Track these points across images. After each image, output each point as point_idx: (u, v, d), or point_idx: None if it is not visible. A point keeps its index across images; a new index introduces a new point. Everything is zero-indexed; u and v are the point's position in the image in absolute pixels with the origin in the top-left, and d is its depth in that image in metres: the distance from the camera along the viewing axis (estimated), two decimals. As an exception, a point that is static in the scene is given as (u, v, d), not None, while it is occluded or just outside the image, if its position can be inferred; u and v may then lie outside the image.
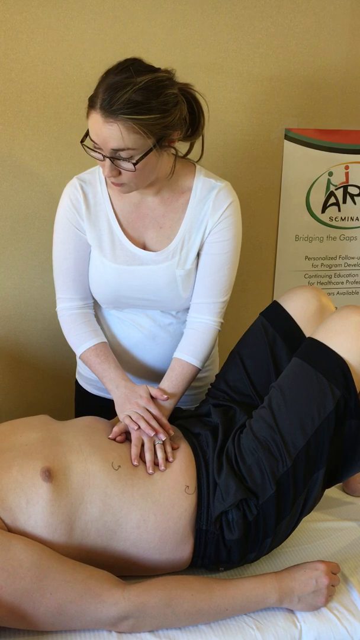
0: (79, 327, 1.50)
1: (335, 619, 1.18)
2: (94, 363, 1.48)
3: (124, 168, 1.28)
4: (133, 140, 1.23)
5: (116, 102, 1.20)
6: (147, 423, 1.33)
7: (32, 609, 1.04)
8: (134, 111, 1.20)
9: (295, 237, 2.16)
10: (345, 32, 1.95)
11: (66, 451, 1.22)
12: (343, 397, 1.23)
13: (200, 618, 1.13)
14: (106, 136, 1.23)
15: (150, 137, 1.24)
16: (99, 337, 1.51)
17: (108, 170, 1.28)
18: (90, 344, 1.49)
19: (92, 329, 1.51)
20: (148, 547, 1.20)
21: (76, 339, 1.50)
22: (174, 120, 1.27)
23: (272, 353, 1.44)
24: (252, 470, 1.24)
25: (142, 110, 1.21)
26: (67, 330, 1.53)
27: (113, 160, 1.26)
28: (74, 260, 1.48)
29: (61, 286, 1.52)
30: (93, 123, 1.24)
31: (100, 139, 1.24)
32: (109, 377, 1.45)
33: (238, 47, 1.89)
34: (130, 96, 1.19)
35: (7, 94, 1.77)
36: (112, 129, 1.22)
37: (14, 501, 1.13)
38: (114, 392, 1.43)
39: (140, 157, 1.26)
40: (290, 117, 2.01)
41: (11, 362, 2.04)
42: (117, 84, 1.21)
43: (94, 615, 1.07)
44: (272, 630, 1.15)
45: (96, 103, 1.22)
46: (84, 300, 1.52)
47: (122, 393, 1.41)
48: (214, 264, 1.46)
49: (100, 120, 1.22)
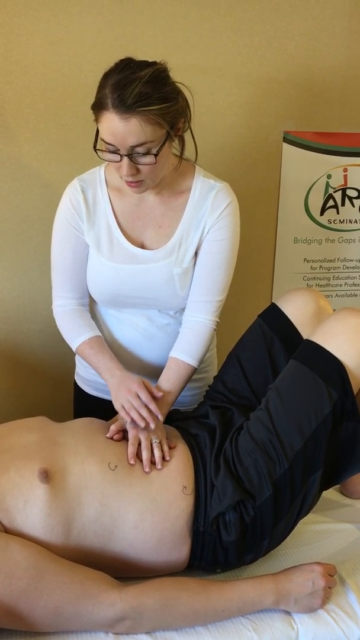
0: (74, 322, 1.52)
1: (332, 621, 1.18)
2: (89, 355, 1.49)
3: (144, 163, 1.29)
4: (151, 131, 1.25)
5: (128, 97, 1.21)
6: (139, 413, 1.33)
7: (29, 610, 1.04)
8: (147, 102, 1.22)
9: (294, 239, 2.16)
10: (343, 35, 1.96)
11: (63, 452, 1.23)
12: (340, 399, 1.23)
13: (197, 619, 1.14)
14: (124, 133, 1.24)
15: (165, 127, 1.27)
16: (94, 331, 1.52)
17: (127, 169, 1.29)
18: (85, 337, 1.50)
19: (86, 323, 1.53)
20: (145, 548, 1.20)
21: (71, 333, 1.52)
22: (180, 107, 1.31)
23: (270, 355, 1.44)
24: (249, 472, 1.24)
25: (155, 100, 1.23)
26: (62, 325, 1.54)
27: (131, 157, 1.27)
28: (71, 260, 1.49)
29: (58, 284, 1.53)
30: (108, 123, 1.25)
31: (117, 138, 1.25)
32: (105, 367, 1.46)
33: (237, 49, 1.89)
34: (140, 89, 1.21)
35: (6, 96, 1.77)
36: (129, 125, 1.23)
37: (11, 502, 1.13)
38: (109, 380, 1.44)
39: (159, 148, 1.28)
40: (288, 119, 2.01)
41: (10, 364, 2.04)
42: (124, 81, 1.22)
43: (91, 617, 1.07)
44: (268, 631, 1.15)
45: (107, 104, 1.23)
46: (79, 299, 1.54)
47: (117, 380, 1.42)
48: (211, 263, 1.47)
49: (116, 119, 1.23)
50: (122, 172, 1.31)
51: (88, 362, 1.51)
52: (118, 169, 1.32)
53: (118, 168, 1.32)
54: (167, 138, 1.29)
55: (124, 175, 1.31)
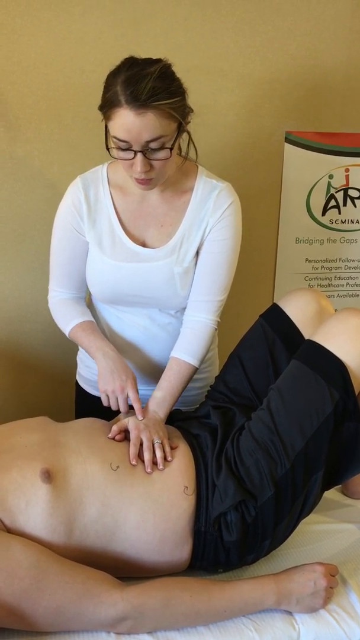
0: (67, 308, 1.55)
1: (333, 621, 1.18)
2: (81, 337, 1.51)
3: (158, 158, 1.29)
4: (165, 125, 1.26)
5: (142, 92, 1.22)
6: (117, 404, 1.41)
7: (30, 610, 1.05)
8: (161, 96, 1.23)
9: (295, 239, 2.16)
10: (345, 35, 1.96)
11: (65, 453, 1.23)
12: (342, 399, 1.24)
13: (199, 619, 1.14)
14: (140, 128, 1.24)
15: (177, 120, 1.29)
16: (87, 316, 1.55)
17: (141, 165, 1.29)
18: (77, 322, 1.52)
19: (80, 310, 1.56)
20: (147, 548, 1.20)
21: (64, 318, 1.55)
22: (187, 102, 1.32)
23: (272, 355, 1.44)
24: (250, 472, 1.24)
25: (167, 94, 1.25)
26: (55, 312, 1.58)
27: (145, 153, 1.28)
28: (70, 259, 1.51)
29: (54, 278, 1.56)
30: (122, 120, 1.25)
31: (132, 134, 1.25)
32: (96, 346, 1.48)
33: (239, 50, 1.89)
34: (152, 84, 1.22)
35: (8, 96, 1.77)
36: (145, 119, 1.24)
37: (13, 502, 1.13)
38: (100, 360, 1.45)
39: (173, 142, 1.30)
40: (290, 119, 2.01)
41: (12, 364, 2.05)
42: (135, 77, 1.23)
43: (93, 616, 1.07)
44: (270, 632, 1.15)
45: (120, 101, 1.23)
46: (75, 294, 1.57)
47: (110, 364, 1.44)
48: (212, 262, 1.47)
49: (131, 115, 1.23)
50: (136, 169, 1.30)
51: (80, 344, 1.53)
52: (130, 167, 1.32)
53: (130, 166, 1.32)
54: (178, 132, 1.31)
55: (137, 172, 1.31)
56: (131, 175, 1.35)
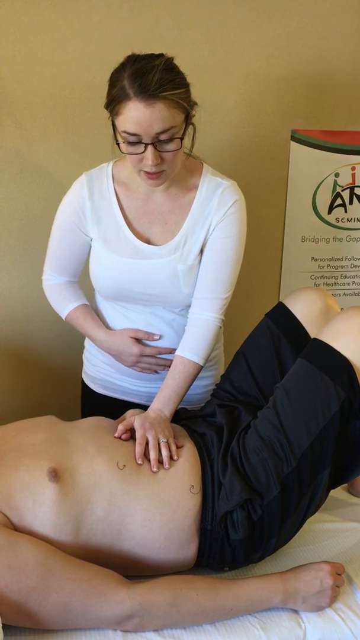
0: (62, 293, 1.61)
1: (339, 620, 1.18)
2: (77, 318, 1.59)
3: (169, 149, 1.30)
4: (175, 115, 1.27)
5: (150, 83, 1.23)
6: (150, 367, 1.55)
7: (38, 607, 1.05)
8: (170, 87, 1.25)
9: (301, 238, 2.16)
10: (351, 33, 1.95)
11: (72, 451, 1.23)
12: (348, 398, 1.23)
13: (205, 618, 1.14)
14: (151, 120, 1.25)
15: (185, 111, 1.30)
16: (81, 300, 1.61)
17: (153, 158, 1.29)
18: (73, 306, 1.59)
19: (74, 294, 1.61)
20: (153, 547, 1.21)
21: (60, 303, 1.61)
22: (191, 94, 1.33)
23: (277, 354, 1.44)
24: (256, 470, 1.24)
25: (175, 85, 1.26)
26: (51, 297, 1.63)
27: (155, 146, 1.28)
28: (67, 249, 1.55)
29: (50, 263, 1.60)
30: (131, 113, 1.25)
31: (143, 126, 1.26)
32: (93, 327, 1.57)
33: (244, 48, 1.89)
34: (160, 75, 1.23)
35: (15, 96, 1.78)
36: (155, 110, 1.24)
37: (20, 501, 1.13)
38: (102, 337, 1.56)
39: (183, 132, 1.31)
40: (296, 118, 2.01)
41: (18, 362, 2.05)
42: (142, 70, 1.24)
43: (99, 614, 1.08)
44: (276, 630, 1.15)
45: (128, 94, 1.24)
46: (69, 279, 1.62)
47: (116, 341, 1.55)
48: (217, 260, 1.47)
49: (141, 106, 1.24)
50: (147, 162, 1.30)
51: (77, 327, 1.60)
52: (140, 162, 1.32)
53: (140, 160, 1.32)
54: (186, 124, 1.32)
55: (148, 166, 1.31)
56: (140, 170, 1.35)
